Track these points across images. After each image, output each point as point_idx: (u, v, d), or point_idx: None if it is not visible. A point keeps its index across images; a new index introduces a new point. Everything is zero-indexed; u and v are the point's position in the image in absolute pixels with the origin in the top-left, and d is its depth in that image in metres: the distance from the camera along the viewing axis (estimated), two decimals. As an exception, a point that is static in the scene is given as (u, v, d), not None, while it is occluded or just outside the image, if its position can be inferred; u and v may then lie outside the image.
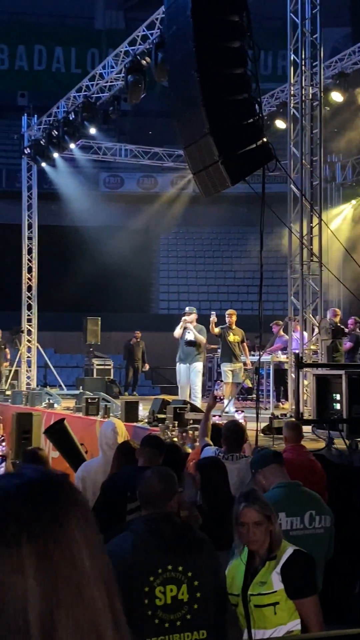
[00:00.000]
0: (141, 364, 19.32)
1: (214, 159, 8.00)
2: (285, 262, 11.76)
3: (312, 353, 10.81)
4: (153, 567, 3.09)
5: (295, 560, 3.28)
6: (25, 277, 18.90)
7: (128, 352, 19.55)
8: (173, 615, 3.07)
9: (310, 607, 3.26)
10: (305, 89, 11.13)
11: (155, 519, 3.30)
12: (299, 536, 3.96)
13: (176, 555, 3.14)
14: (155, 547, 3.17)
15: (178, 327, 12.60)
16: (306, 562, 3.33)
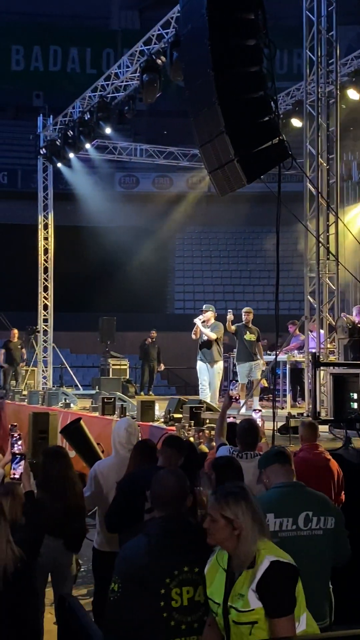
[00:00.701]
0: (157, 364, 19.31)
1: (229, 158, 7.97)
2: (301, 260, 11.70)
3: (328, 352, 10.75)
4: (169, 569, 3.07)
5: (272, 575, 2.94)
6: (41, 278, 18.95)
7: (143, 352, 19.55)
8: (190, 617, 3.06)
9: (285, 626, 2.89)
10: (321, 86, 11.07)
11: (171, 521, 3.29)
12: (290, 537, 3.87)
13: (192, 556, 3.12)
14: (170, 549, 3.15)
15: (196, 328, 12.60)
16: (285, 575, 2.98)
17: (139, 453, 5.35)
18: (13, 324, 18.91)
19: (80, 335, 24.41)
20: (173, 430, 9.08)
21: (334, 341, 10.76)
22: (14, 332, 18.74)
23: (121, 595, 3.07)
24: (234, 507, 3.04)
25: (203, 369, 12.44)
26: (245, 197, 23.60)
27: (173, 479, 3.48)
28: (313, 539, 3.94)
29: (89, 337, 21.80)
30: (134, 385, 17.33)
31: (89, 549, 5.96)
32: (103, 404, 11.73)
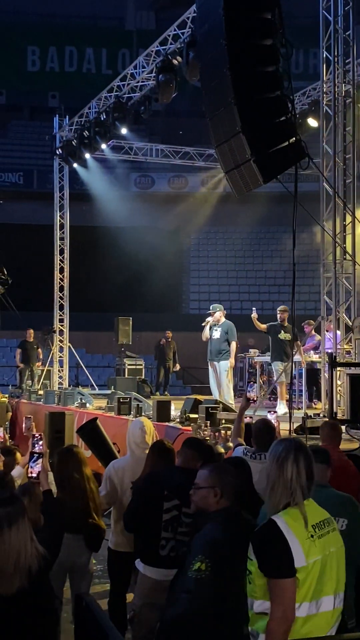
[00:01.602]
0: (172, 364, 19.31)
1: (246, 158, 7.96)
2: (318, 261, 11.67)
3: (345, 352, 10.71)
4: (243, 552, 3.25)
5: (261, 531, 3.16)
6: (57, 278, 19.01)
7: (159, 352, 19.56)
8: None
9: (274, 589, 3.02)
10: (338, 86, 11.03)
11: (235, 513, 3.74)
12: None
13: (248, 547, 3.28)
14: (239, 539, 3.44)
15: (205, 329, 12.60)
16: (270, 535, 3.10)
17: (156, 453, 5.35)
18: (29, 324, 18.98)
19: (96, 335, 24.47)
20: (189, 430, 9.08)
21: (350, 341, 10.71)
22: (29, 332, 18.81)
23: (210, 573, 3.41)
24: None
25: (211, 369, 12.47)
26: (261, 197, 23.56)
27: (234, 471, 3.95)
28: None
29: (105, 337, 21.85)
30: (150, 385, 17.34)
31: (104, 549, 5.97)
32: (119, 403, 11.75)
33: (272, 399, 15.20)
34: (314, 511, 3.23)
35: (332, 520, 3.31)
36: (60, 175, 19.26)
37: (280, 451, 3.26)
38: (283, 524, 3.11)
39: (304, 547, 3.07)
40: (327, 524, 3.25)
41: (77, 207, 22.01)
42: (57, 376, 18.73)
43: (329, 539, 3.20)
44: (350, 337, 10.67)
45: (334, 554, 3.20)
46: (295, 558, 3.03)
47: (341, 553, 3.26)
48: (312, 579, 3.08)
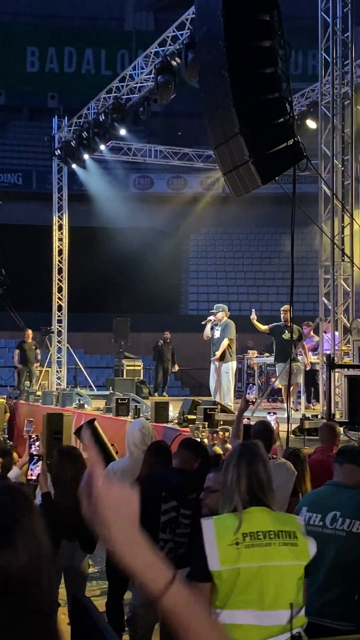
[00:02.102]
0: (171, 365, 19.30)
1: (244, 159, 7.96)
2: (316, 262, 11.67)
3: (343, 354, 10.72)
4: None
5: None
6: (55, 278, 19.01)
7: (157, 353, 19.55)
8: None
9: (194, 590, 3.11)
10: (337, 87, 11.05)
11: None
12: (314, 532, 3.91)
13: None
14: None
15: (206, 328, 12.54)
16: (199, 536, 3.12)
17: (153, 454, 5.35)
18: (27, 325, 18.97)
19: (94, 336, 24.46)
20: (187, 431, 9.08)
21: (348, 343, 10.72)
22: (28, 333, 18.80)
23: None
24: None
25: (212, 369, 12.41)
26: (260, 198, 23.56)
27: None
28: (335, 538, 3.97)
29: (103, 338, 21.86)
30: (148, 386, 17.34)
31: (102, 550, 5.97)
32: (117, 404, 11.75)
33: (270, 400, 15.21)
34: (259, 520, 3.08)
35: (286, 535, 3.10)
36: (59, 175, 19.27)
37: (228, 457, 3.26)
38: (207, 527, 3.05)
39: (222, 552, 2.98)
40: (272, 536, 3.07)
41: (76, 208, 22.01)
42: (56, 377, 18.72)
43: (266, 551, 3.03)
44: (348, 339, 10.68)
45: (275, 568, 3.04)
46: (210, 562, 2.97)
47: (290, 570, 3.07)
48: (229, 587, 2.99)
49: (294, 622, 3.02)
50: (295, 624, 3.03)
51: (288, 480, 5.29)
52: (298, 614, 3.06)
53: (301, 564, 3.09)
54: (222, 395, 12.12)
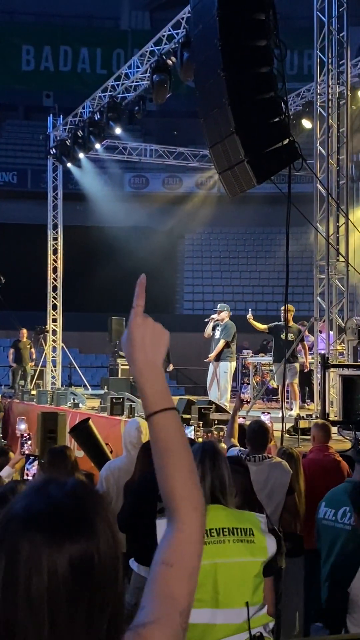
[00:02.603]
0: (165, 364, 19.24)
1: (239, 159, 7.97)
2: (311, 262, 11.68)
3: (338, 354, 10.73)
4: None
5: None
6: (50, 277, 18.98)
7: None
8: None
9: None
10: (332, 87, 11.04)
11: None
12: (327, 526, 4.13)
13: None
14: None
15: (208, 326, 12.50)
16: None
17: (147, 453, 5.34)
18: (22, 324, 18.95)
19: (89, 335, 24.44)
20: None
21: (343, 342, 10.73)
22: (22, 332, 18.77)
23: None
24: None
25: (211, 368, 12.38)
26: (255, 197, 23.58)
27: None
28: (343, 532, 4.08)
29: (98, 337, 21.83)
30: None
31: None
32: (112, 404, 11.74)
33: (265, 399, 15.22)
34: (213, 518, 3.05)
35: (242, 531, 3.07)
36: (54, 174, 19.23)
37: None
38: (161, 526, 3.03)
39: None
40: (226, 533, 3.05)
41: (71, 207, 22.00)
42: (50, 376, 18.70)
43: (219, 548, 3.01)
44: (343, 339, 10.69)
45: (229, 565, 3.01)
46: None
47: (246, 567, 3.04)
48: None
49: (253, 621, 2.96)
50: (255, 624, 2.97)
51: (284, 480, 5.29)
52: (258, 613, 3.00)
53: (257, 561, 3.06)
54: (219, 394, 12.11)
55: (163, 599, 1.37)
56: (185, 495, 1.49)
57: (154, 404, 1.53)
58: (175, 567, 1.42)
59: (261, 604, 3.03)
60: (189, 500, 1.49)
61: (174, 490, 1.50)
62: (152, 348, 1.58)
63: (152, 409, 1.53)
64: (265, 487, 5.12)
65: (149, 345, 1.58)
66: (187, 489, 1.50)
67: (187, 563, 1.44)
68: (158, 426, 1.52)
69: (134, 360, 1.57)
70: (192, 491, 1.50)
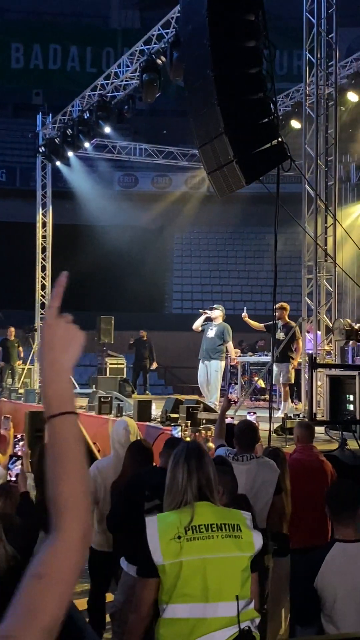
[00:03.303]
0: (149, 363, 19.11)
1: (228, 159, 7.98)
2: (300, 262, 11.72)
3: (325, 354, 10.77)
4: None
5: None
6: (39, 276, 18.95)
7: (136, 352, 19.34)
8: None
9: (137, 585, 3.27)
10: (321, 88, 11.08)
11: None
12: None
13: None
14: None
15: (199, 319, 12.37)
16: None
17: (133, 453, 5.35)
18: (10, 322, 18.91)
19: (78, 334, 24.37)
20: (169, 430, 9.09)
21: (330, 343, 10.77)
22: (10, 330, 18.74)
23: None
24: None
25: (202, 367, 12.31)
26: (244, 197, 23.61)
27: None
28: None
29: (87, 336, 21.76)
30: (131, 385, 17.31)
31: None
32: (100, 403, 11.74)
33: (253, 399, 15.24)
34: (201, 514, 3.12)
35: (229, 527, 3.14)
36: (43, 173, 19.20)
37: (175, 455, 3.29)
38: (151, 523, 3.11)
39: (164, 546, 3.02)
40: (214, 528, 3.11)
41: (60, 205, 21.95)
42: (38, 375, 18.63)
43: (208, 543, 3.06)
44: (330, 339, 10.73)
45: (218, 560, 3.06)
46: (154, 557, 3.02)
47: (234, 562, 3.10)
48: (172, 581, 3.01)
49: (242, 615, 3.03)
50: (244, 617, 3.03)
51: (272, 479, 5.30)
52: (247, 607, 3.07)
53: (245, 556, 3.12)
54: (209, 393, 12.08)
55: (24, 613, 1.30)
56: (71, 504, 1.42)
57: (54, 407, 1.50)
58: (45, 580, 1.34)
59: (249, 599, 3.11)
60: (74, 510, 1.42)
61: (60, 497, 1.43)
62: (61, 349, 1.56)
63: (51, 412, 1.49)
64: (253, 486, 5.13)
65: (57, 346, 1.55)
66: (74, 497, 1.43)
67: (60, 575, 1.36)
68: (54, 430, 1.48)
69: (41, 360, 1.55)
70: (79, 501, 1.43)
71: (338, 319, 10.69)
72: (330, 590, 3.79)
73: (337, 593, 3.78)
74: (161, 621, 3.05)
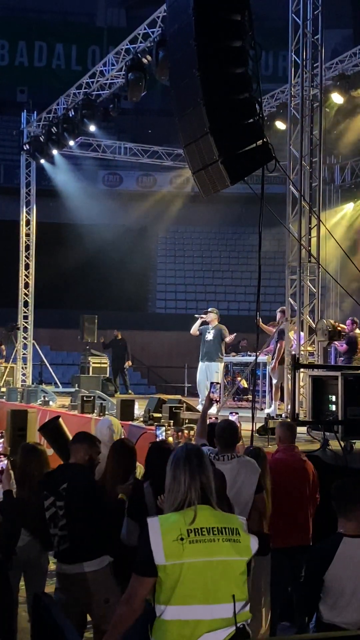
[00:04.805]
0: (124, 361, 18.83)
1: (213, 159, 7.97)
2: (283, 262, 11.75)
3: (308, 354, 10.80)
4: None
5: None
6: (22, 274, 18.88)
7: (113, 353, 19.12)
8: None
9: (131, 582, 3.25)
10: (306, 90, 11.10)
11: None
12: None
13: None
14: None
15: (196, 323, 12.59)
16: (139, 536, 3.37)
17: (117, 452, 5.35)
18: (-7, 320, 18.85)
19: (61, 333, 24.35)
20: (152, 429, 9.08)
21: (313, 343, 10.81)
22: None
23: None
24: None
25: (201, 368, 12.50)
26: (228, 197, 23.63)
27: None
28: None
29: (70, 335, 21.75)
30: (114, 384, 17.27)
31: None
32: (82, 402, 11.72)
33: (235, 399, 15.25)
34: (203, 517, 3.15)
35: (229, 531, 3.18)
36: (27, 171, 19.13)
37: (175, 456, 3.29)
38: (153, 523, 3.13)
39: (166, 547, 3.05)
40: (215, 532, 3.15)
41: (44, 204, 21.89)
42: (21, 373, 18.60)
43: (210, 547, 3.10)
44: (313, 339, 10.76)
45: (219, 563, 3.11)
46: (155, 556, 3.04)
47: (233, 565, 3.15)
48: (173, 582, 3.04)
49: (239, 615, 3.10)
50: (241, 618, 3.11)
51: (252, 478, 5.32)
52: (243, 609, 3.13)
53: (243, 560, 3.19)
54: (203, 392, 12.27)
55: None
56: None
57: None
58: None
59: (246, 600, 3.17)
60: None
61: None
62: None
63: None
64: (233, 485, 5.14)
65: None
66: None
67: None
68: None
69: None
70: None
71: (321, 319, 10.73)
72: (338, 582, 4.10)
73: (345, 585, 4.10)
74: (158, 622, 3.07)
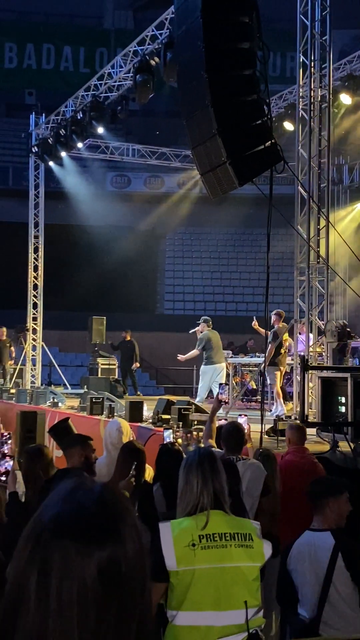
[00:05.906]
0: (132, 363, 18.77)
1: (221, 160, 7.97)
2: (292, 264, 11.73)
3: (317, 355, 10.78)
4: None
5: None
6: (31, 276, 18.92)
7: (122, 355, 19.08)
8: None
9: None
10: (314, 90, 11.10)
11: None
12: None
13: None
14: None
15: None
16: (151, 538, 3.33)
17: (126, 454, 5.35)
18: (2, 322, 18.85)
19: (70, 334, 24.38)
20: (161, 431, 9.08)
21: (322, 344, 10.79)
22: (2, 330, 18.66)
23: None
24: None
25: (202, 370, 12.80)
26: (237, 199, 23.63)
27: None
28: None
29: (78, 336, 21.78)
30: (123, 385, 17.27)
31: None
32: (91, 403, 11.72)
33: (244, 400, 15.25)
34: (215, 523, 3.14)
35: (242, 537, 3.16)
36: (36, 173, 19.17)
37: (188, 460, 3.28)
38: (165, 528, 3.11)
39: (178, 553, 3.03)
40: (228, 538, 3.13)
41: (53, 206, 21.93)
42: (30, 375, 18.63)
43: (222, 552, 3.09)
44: (322, 341, 10.74)
45: (231, 569, 3.09)
46: (167, 562, 3.03)
47: (246, 571, 3.13)
48: (184, 588, 3.03)
49: (251, 622, 3.07)
50: (253, 624, 3.08)
51: (258, 481, 5.30)
52: (256, 615, 3.11)
53: (256, 565, 3.15)
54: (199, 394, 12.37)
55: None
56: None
57: None
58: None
59: (259, 606, 3.14)
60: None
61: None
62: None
63: None
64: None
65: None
66: None
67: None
68: None
69: None
70: None
71: (330, 320, 10.71)
72: (296, 575, 4.10)
73: (302, 579, 4.07)
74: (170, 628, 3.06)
